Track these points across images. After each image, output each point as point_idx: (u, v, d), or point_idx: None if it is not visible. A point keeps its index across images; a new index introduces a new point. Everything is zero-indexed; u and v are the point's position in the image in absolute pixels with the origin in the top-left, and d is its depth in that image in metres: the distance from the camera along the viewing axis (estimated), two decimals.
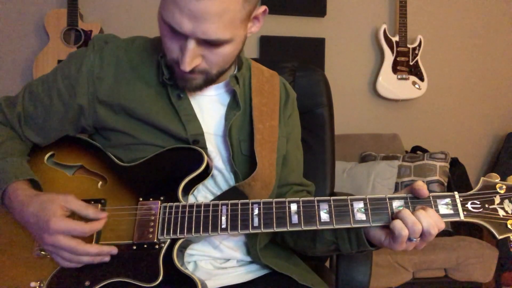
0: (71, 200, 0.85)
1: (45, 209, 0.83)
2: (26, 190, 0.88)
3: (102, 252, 0.84)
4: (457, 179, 2.66)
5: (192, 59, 0.84)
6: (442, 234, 2.31)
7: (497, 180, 0.84)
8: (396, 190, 2.49)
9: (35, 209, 0.84)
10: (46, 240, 0.82)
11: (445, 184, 2.51)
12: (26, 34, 2.60)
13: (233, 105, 1.00)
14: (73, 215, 0.85)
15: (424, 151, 2.77)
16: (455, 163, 2.72)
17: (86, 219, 0.85)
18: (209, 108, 1.00)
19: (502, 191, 0.83)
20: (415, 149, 2.85)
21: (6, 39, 2.59)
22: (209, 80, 0.92)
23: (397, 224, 0.78)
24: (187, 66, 0.84)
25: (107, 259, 0.85)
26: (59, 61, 2.44)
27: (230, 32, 0.83)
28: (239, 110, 0.99)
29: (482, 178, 0.84)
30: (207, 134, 0.97)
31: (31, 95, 1.00)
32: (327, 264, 1.39)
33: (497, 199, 0.82)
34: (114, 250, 0.85)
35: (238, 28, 0.85)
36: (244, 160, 0.98)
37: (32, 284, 0.86)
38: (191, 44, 0.82)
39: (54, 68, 1.02)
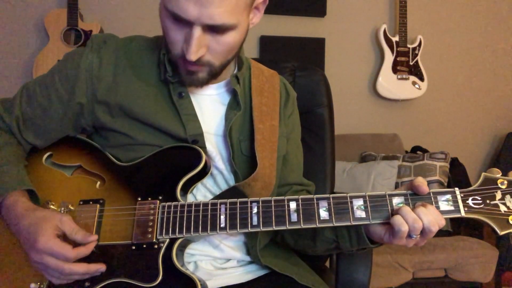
0: (66, 221, 0.84)
1: (37, 226, 0.82)
2: (24, 203, 0.87)
3: (90, 271, 0.83)
4: (457, 179, 2.66)
5: (198, 48, 0.83)
6: (442, 234, 2.31)
7: (498, 175, 0.83)
8: None
9: (28, 225, 0.83)
10: (33, 258, 0.82)
11: (445, 184, 2.52)
12: (26, 34, 2.60)
13: (234, 105, 0.99)
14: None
15: (424, 151, 2.76)
16: (455, 163, 2.72)
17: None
18: (209, 108, 0.99)
19: (503, 187, 0.81)
20: (415, 149, 2.85)
21: (6, 39, 2.59)
22: (213, 74, 0.91)
23: (397, 219, 0.78)
24: (193, 55, 0.83)
25: (98, 273, 0.84)
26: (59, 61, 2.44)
27: (235, 17, 0.83)
28: (240, 110, 0.98)
29: (483, 173, 0.83)
30: (207, 134, 0.96)
31: (28, 97, 0.98)
32: (327, 264, 1.39)
33: (499, 195, 0.81)
34: (102, 268, 0.84)
35: (242, 14, 0.85)
36: (244, 160, 0.98)
37: (32, 285, 0.86)
38: (197, 32, 0.82)
39: (51, 69, 1.00)
